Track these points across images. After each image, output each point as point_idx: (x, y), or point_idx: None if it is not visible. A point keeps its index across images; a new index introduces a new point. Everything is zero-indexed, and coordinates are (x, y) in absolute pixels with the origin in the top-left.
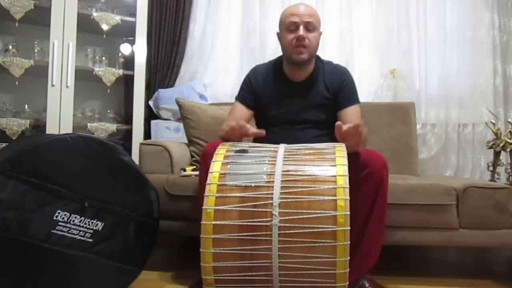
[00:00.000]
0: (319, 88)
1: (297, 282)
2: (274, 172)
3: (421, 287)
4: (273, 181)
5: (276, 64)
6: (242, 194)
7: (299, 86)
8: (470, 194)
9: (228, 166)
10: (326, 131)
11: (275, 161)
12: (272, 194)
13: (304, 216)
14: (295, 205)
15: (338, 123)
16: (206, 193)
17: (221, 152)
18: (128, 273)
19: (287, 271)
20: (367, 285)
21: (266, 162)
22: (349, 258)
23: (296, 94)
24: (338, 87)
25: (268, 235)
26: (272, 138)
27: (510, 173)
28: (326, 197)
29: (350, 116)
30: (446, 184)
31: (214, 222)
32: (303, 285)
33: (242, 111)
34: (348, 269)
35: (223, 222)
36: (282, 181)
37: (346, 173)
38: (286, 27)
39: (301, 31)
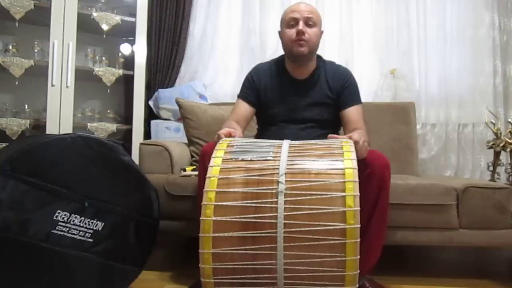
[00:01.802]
0: (322, 87)
1: (303, 284)
2: (278, 166)
3: (421, 287)
4: (277, 174)
5: (278, 62)
6: (244, 190)
7: (301, 84)
8: (470, 194)
9: (231, 156)
10: (328, 131)
11: (279, 156)
12: (276, 188)
13: (311, 211)
14: (300, 201)
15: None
16: (205, 188)
17: (221, 148)
18: (128, 273)
19: (292, 274)
20: (367, 285)
21: (270, 157)
22: (359, 256)
23: (298, 92)
24: (340, 87)
25: (273, 232)
26: (273, 136)
27: (510, 173)
28: (334, 194)
29: (352, 116)
30: (446, 184)
31: (214, 219)
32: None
33: (245, 109)
34: (358, 271)
35: (224, 219)
36: (287, 174)
37: (355, 166)
38: (286, 23)
39: (301, 25)
